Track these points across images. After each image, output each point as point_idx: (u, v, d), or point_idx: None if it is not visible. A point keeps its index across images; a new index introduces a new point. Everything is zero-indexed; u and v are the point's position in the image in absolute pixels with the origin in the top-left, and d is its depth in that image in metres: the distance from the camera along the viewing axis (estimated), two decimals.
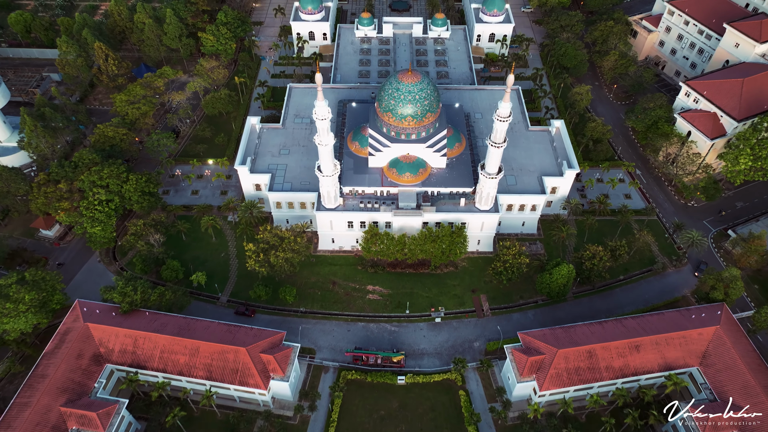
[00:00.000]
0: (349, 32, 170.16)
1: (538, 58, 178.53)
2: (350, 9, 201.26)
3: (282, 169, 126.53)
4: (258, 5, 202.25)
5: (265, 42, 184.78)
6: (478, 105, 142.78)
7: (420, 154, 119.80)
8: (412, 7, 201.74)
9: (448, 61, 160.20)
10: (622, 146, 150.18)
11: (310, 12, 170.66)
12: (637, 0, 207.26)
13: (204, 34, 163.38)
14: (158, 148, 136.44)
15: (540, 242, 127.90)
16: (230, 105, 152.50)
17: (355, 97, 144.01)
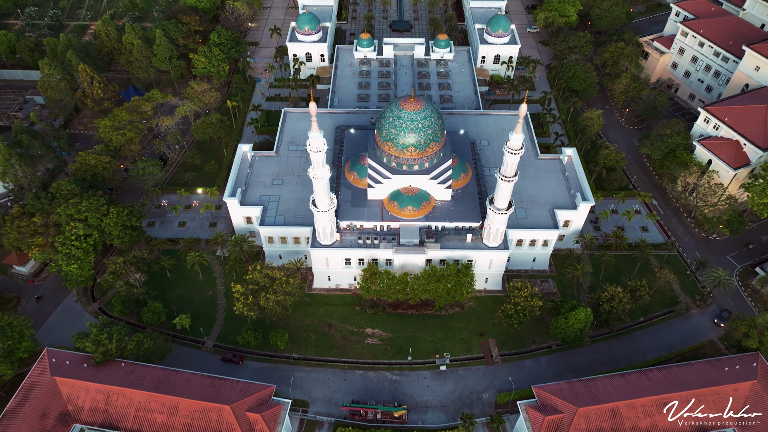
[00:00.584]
0: (348, 54, 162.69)
1: (545, 80, 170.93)
2: (349, 29, 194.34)
3: (275, 201, 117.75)
4: (254, 25, 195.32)
5: (261, 63, 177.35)
6: (484, 131, 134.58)
7: (423, 186, 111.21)
8: (413, 27, 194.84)
9: (451, 84, 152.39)
10: (637, 174, 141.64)
11: (307, 32, 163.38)
12: (645, 20, 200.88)
13: (195, 55, 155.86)
14: (144, 177, 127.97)
15: (552, 280, 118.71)
16: (222, 130, 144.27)
17: (354, 122, 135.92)
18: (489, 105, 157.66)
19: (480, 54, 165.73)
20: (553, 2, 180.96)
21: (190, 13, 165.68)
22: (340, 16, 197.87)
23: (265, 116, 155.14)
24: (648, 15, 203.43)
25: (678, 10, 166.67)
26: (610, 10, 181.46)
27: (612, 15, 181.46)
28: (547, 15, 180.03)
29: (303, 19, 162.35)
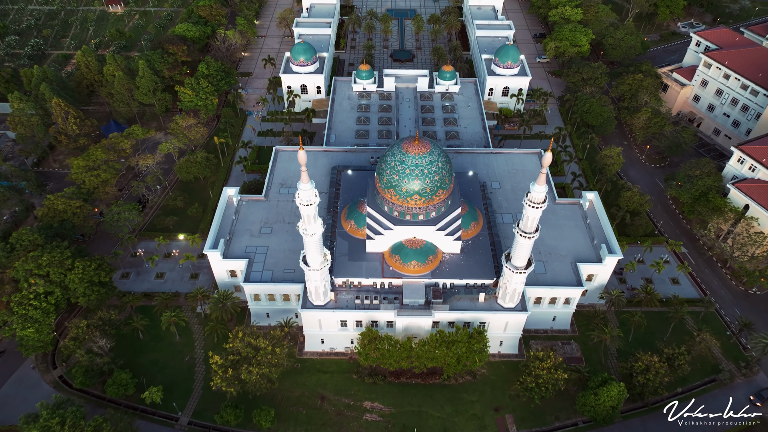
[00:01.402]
0: (346, 86, 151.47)
1: (557, 113, 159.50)
2: (348, 59, 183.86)
3: (262, 253, 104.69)
4: (247, 54, 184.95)
5: (253, 95, 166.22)
6: (495, 172, 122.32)
7: (429, 238, 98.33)
8: (415, 57, 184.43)
9: (458, 119, 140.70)
10: (663, 219, 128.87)
11: (302, 63, 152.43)
12: (660, 50, 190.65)
13: (182, 88, 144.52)
14: (119, 224, 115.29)
15: (575, 342, 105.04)
16: (208, 169, 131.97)
17: (352, 162, 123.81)
18: (499, 142, 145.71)
19: (488, 86, 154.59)
20: (563, 31, 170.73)
21: (178, 42, 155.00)
22: (339, 45, 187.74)
23: (256, 153, 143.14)
24: (662, 44, 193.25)
25: (699, 39, 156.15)
26: (624, 40, 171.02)
27: (626, 45, 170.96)
28: (557, 44, 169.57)
29: (298, 49, 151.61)
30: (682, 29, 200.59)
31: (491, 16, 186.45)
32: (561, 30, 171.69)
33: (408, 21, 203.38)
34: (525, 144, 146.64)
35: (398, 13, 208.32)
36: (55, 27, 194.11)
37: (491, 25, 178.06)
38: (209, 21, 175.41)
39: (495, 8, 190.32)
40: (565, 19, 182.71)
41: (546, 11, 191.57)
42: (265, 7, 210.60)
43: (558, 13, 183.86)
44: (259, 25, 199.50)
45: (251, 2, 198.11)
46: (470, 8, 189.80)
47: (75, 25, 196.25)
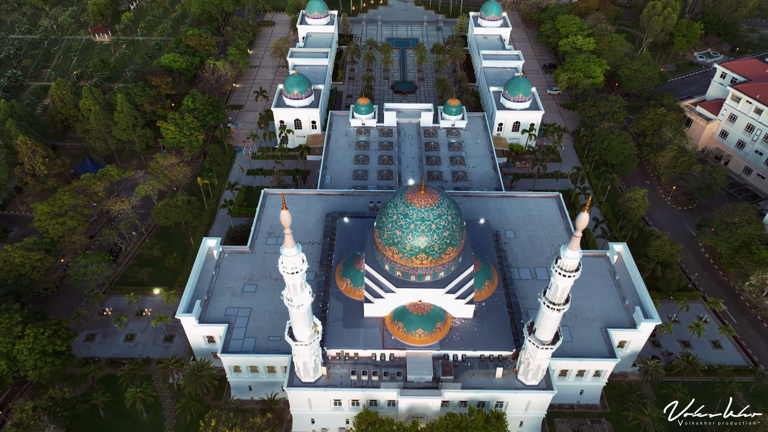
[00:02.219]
0: (344, 121, 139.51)
1: (572, 150, 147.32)
2: (346, 90, 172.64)
3: (244, 316, 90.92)
4: (239, 86, 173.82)
5: (244, 129, 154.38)
6: (509, 218, 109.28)
7: (437, 302, 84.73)
8: (418, 89, 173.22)
9: (465, 157, 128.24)
10: (698, 270, 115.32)
11: (296, 96, 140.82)
12: (677, 81, 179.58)
13: (164, 123, 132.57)
14: (85, 278, 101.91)
15: (606, 420, 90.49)
16: (189, 213, 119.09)
17: (349, 207, 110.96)
18: (511, 182, 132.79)
19: (497, 121, 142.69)
20: (576, 62, 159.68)
21: (162, 74, 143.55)
22: (336, 76, 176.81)
23: (243, 194, 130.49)
24: (680, 75, 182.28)
25: (724, 71, 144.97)
26: (641, 71, 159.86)
27: (643, 76, 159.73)
28: (570, 76, 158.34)
29: (291, 81, 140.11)
30: (699, 59, 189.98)
31: (498, 45, 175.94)
32: (573, 60, 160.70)
33: (410, 51, 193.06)
34: (539, 184, 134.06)
35: (399, 43, 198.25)
36: (36, 57, 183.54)
37: (499, 56, 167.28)
38: (198, 51, 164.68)
39: (502, 38, 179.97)
40: (577, 49, 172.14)
41: (556, 41, 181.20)
42: (260, 36, 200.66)
43: (569, 42, 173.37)
44: (252, 55, 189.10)
45: (244, 31, 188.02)
46: (475, 37, 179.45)
47: (58, 55, 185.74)
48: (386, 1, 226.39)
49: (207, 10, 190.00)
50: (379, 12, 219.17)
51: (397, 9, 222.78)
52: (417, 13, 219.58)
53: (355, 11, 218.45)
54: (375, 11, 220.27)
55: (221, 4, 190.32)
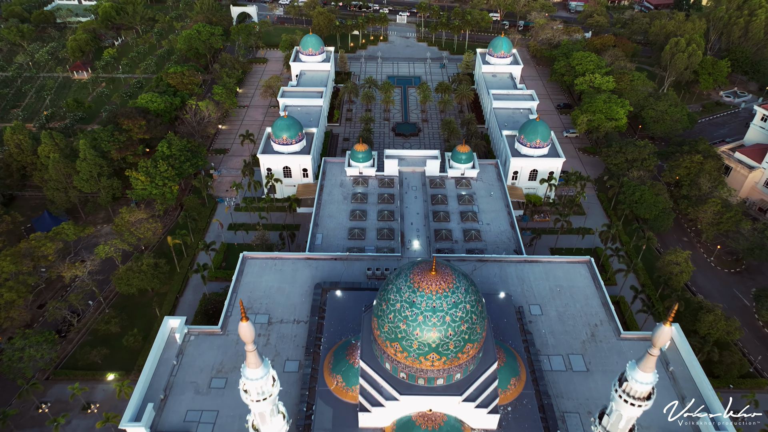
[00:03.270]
0: (339, 169, 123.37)
1: (596, 201, 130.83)
2: (343, 133, 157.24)
3: (208, 422, 72.30)
4: (225, 127, 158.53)
5: (228, 177, 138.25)
6: (533, 289, 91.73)
7: (452, 412, 66.46)
8: (421, 131, 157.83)
9: (478, 212, 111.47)
10: (760, 352, 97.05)
11: (285, 141, 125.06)
12: (704, 122, 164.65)
13: (133, 172, 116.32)
14: (21, 364, 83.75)
15: None
16: (157, 279, 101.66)
17: (343, 275, 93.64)
18: (531, 240, 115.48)
19: (511, 169, 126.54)
20: (596, 102, 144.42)
21: (136, 116, 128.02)
22: (332, 117, 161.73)
23: (223, 254, 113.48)
24: (706, 116, 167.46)
25: (765, 113, 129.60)
26: (668, 112, 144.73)
27: (671, 117, 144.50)
28: (590, 118, 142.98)
29: (280, 125, 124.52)
30: (726, 99, 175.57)
31: (509, 84, 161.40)
32: (593, 101, 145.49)
33: (412, 89, 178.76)
34: (562, 241, 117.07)
35: (401, 81, 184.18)
36: (6, 96, 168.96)
37: (510, 96, 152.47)
38: (180, 91, 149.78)
39: (512, 76, 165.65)
40: (595, 89, 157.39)
41: (571, 79, 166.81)
42: (251, 74, 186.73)
43: (586, 81, 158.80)
44: (242, 94, 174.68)
45: (233, 69, 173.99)
46: (484, 76, 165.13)
47: (30, 93, 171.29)
48: (387, 37, 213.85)
49: (194, 47, 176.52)
50: (379, 48, 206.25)
51: (399, 45, 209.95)
52: (419, 50, 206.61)
53: (354, 48, 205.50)
54: (375, 47, 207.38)
55: (209, 40, 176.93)
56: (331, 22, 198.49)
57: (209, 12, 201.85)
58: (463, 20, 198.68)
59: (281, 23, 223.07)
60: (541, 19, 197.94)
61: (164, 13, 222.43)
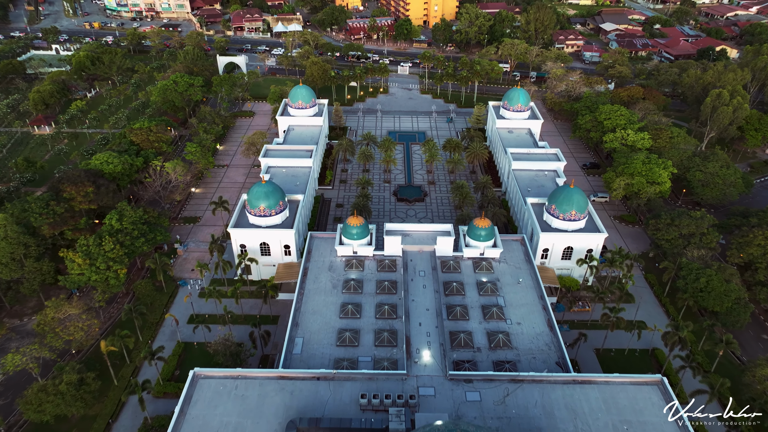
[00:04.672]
0: (328, 247, 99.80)
1: (644, 283, 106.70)
2: (335, 198, 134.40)
3: None
4: (199, 191, 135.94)
5: (197, 253, 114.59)
6: (590, 425, 66.16)
7: None
8: (427, 195, 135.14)
9: (504, 307, 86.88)
10: None
11: (263, 213, 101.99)
12: (758, 185, 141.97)
13: (69, 253, 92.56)
14: None
15: None
16: (81, 402, 76.04)
17: (329, 404, 68.45)
18: (576, 342, 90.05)
19: (540, 246, 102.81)
20: (634, 163, 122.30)
21: (83, 181, 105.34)
22: (324, 178, 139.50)
23: (178, 358, 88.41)
24: (758, 176, 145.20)
25: None
26: (720, 174, 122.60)
27: (723, 181, 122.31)
28: (628, 181, 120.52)
29: (257, 193, 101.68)
30: None
31: (528, 142, 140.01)
32: (630, 161, 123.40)
33: (416, 147, 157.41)
34: (611, 340, 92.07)
35: (403, 137, 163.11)
36: None
37: (531, 155, 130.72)
38: (144, 149, 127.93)
39: (531, 132, 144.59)
40: (628, 147, 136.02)
41: (598, 135, 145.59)
42: (234, 129, 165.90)
43: (616, 138, 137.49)
44: (222, 152, 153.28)
45: (212, 123, 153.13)
46: (499, 132, 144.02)
47: None
48: (387, 89, 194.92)
49: (169, 99, 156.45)
50: (379, 101, 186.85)
51: (400, 98, 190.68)
52: (423, 102, 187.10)
53: (351, 100, 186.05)
54: (374, 100, 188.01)
55: (187, 92, 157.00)
56: (326, 72, 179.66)
57: (192, 62, 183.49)
58: (472, 71, 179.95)
59: (272, 74, 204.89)
60: (559, 70, 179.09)
61: (146, 63, 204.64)
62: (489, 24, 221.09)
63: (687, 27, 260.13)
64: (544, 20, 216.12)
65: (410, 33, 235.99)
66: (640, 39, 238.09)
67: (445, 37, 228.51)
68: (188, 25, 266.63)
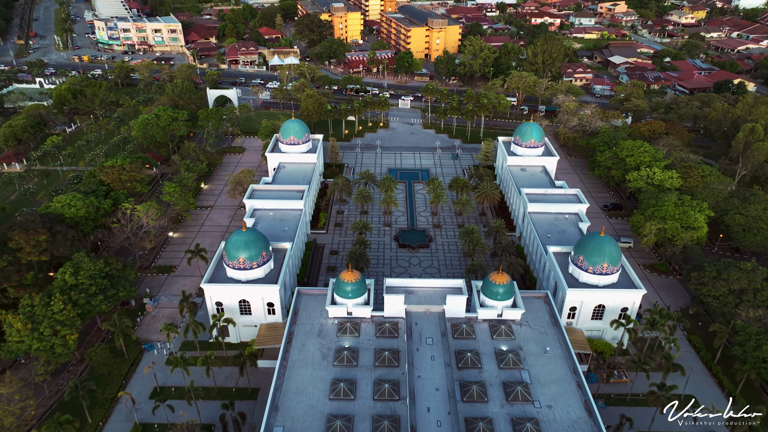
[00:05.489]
0: (318, 306, 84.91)
1: (687, 345, 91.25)
2: (330, 243, 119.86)
3: None
4: (177, 236, 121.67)
5: (170, 308, 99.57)
6: None
7: None
8: (433, 241, 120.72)
9: (530, 385, 71.33)
10: None
11: (242, 265, 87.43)
12: None
13: (9, 316, 77.62)
14: None
15: None
16: None
17: None
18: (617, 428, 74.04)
19: (567, 304, 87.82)
20: (665, 206, 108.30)
21: (36, 228, 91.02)
22: (317, 222, 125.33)
23: None
24: None
25: None
26: (764, 218, 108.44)
27: (767, 225, 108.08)
28: (660, 226, 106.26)
29: (237, 242, 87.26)
30: None
31: (543, 181, 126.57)
32: (661, 203, 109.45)
33: (419, 185, 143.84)
34: (658, 424, 76.03)
35: (405, 175, 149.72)
36: None
37: (549, 196, 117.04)
38: (115, 189, 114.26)
39: (546, 169, 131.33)
40: (655, 186, 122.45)
41: (620, 173, 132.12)
42: (222, 167, 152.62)
43: (641, 177, 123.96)
44: (207, 192, 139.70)
45: (196, 161, 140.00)
46: (510, 169, 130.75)
47: None
48: (387, 123, 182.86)
49: (150, 134, 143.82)
50: (379, 136, 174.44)
51: (401, 132, 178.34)
52: (426, 138, 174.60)
53: (348, 135, 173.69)
54: (373, 135, 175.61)
55: (170, 126, 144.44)
56: (322, 105, 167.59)
57: (179, 95, 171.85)
58: (478, 104, 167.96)
59: (266, 108, 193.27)
60: (572, 103, 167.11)
61: (133, 96, 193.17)
62: (494, 56, 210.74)
63: (699, 60, 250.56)
64: (552, 52, 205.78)
65: (411, 66, 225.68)
66: (652, 72, 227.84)
67: (447, 69, 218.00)
68: (181, 58, 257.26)
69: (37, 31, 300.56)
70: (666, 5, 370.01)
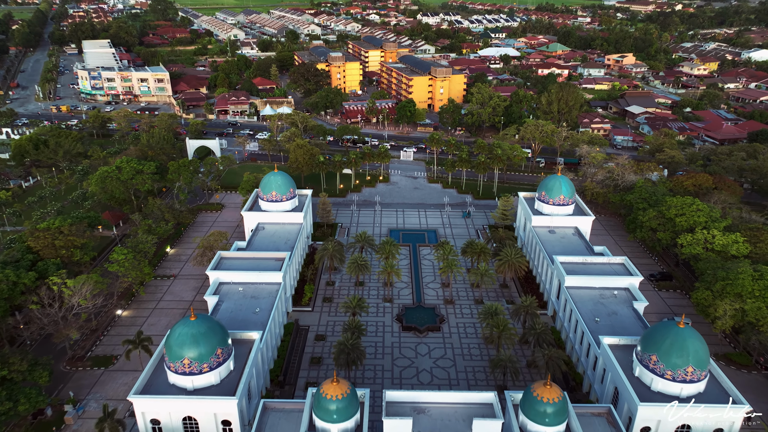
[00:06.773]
0: (289, 426, 60.14)
1: None
2: (316, 325, 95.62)
3: None
4: (126, 314, 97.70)
5: (94, 420, 74.46)
6: None
7: None
8: (445, 322, 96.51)
9: None
10: None
11: (189, 369, 63.33)
12: None
13: None
14: None
15: None
16: None
17: None
18: None
19: (638, 423, 63.01)
20: (740, 279, 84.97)
21: None
22: (301, 297, 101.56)
23: None
24: None
25: None
26: None
27: None
28: (738, 306, 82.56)
29: (180, 337, 63.45)
30: None
31: (577, 245, 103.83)
32: (734, 277, 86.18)
33: (426, 250, 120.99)
34: None
35: (408, 237, 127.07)
36: None
37: (589, 266, 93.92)
38: (45, 259, 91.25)
39: (579, 231, 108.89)
40: (716, 252, 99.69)
41: (668, 236, 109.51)
42: (193, 227, 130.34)
43: (697, 241, 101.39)
44: (173, 257, 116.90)
45: (160, 220, 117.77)
46: (536, 231, 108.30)
47: None
48: (388, 177, 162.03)
49: (109, 190, 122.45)
50: (378, 191, 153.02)
51: (404, 187, 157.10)
52: (432, 193, 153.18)
53: (344, 190, 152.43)
54: (372, 190, 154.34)
55: (132, 180, 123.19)
56: (314, 157, 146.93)
57: (150, 146, 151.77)
58: (491, 155, 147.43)
59: (252, 160, 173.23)
60: (599, 154, 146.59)
61: (104, 148, 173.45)
62: (505, 104, 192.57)
63: (722, 110, 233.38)
64: (568, 100, 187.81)
65: (414, 116, 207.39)
66: (675, 122, 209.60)
67: (453, 119, 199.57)
68: (168, 108, 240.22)
69: (21, 82, 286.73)
70: (674, 58, 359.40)
